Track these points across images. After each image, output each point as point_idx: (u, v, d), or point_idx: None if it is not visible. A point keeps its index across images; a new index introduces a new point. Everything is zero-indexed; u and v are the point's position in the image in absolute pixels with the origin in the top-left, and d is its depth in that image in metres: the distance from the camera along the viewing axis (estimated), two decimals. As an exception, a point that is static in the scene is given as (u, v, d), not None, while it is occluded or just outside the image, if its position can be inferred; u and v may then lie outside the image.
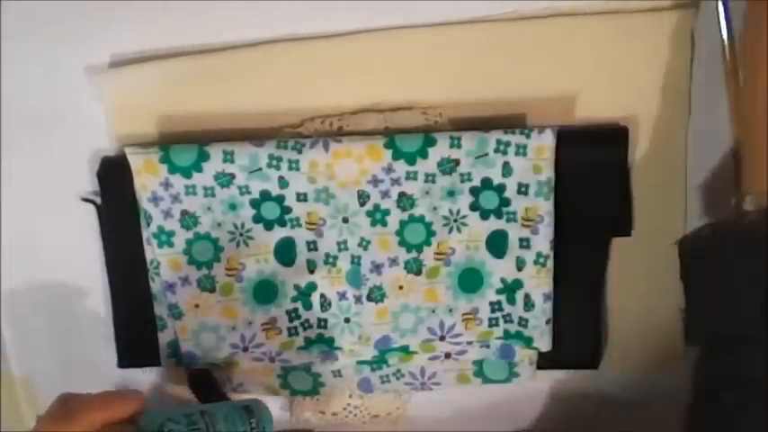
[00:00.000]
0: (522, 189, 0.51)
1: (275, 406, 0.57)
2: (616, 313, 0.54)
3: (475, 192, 0.51)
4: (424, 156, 0.50)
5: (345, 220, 0.52)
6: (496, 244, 0.52)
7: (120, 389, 0.55)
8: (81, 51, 0.52)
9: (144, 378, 0.57)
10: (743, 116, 0.49)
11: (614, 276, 0.53)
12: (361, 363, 0.55)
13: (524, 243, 0.51)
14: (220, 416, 0.45)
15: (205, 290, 0.53)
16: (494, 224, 0.51)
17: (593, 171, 0.50)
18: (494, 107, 0.52)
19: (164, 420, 0.44)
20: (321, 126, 0.52)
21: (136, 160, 0.51)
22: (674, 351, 0.55)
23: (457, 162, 0.50)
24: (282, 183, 0.51)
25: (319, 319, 0.53)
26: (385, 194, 0.51)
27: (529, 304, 0.52)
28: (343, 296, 0.53)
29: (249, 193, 0.52)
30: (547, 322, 0.52)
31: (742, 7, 0.50)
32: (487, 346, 0.54)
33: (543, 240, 0.51)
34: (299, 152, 0.50)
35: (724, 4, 0.50)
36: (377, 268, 0.52)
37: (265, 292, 0.53)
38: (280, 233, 0.52)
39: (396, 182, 0.51)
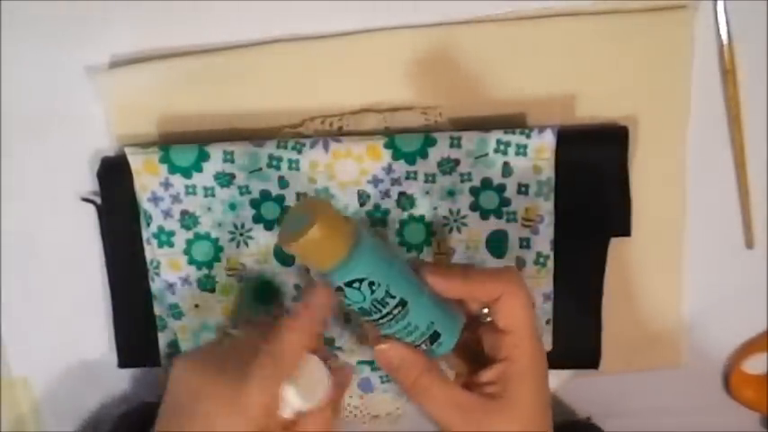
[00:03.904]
0: (522, 189, 0.51)
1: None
2: (616, 313, 0.54)
3: (475, 192, 0.51)
4: (424, 156, 0.50)
5: (345, 220, 0.52)
6: (496, 244, 0.51)
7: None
8: (81, 52, 0.52)
9: (144, 378, 0.57)
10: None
11: (614, 276, 0.53)
12: (361, 363, 0.55)
13: (524, 243, 0.51)
14: (409, 320, 0.42)
15: (205, 290, 0.53)
16: (494, 224, 0.51)
17: (593, 171, 0.50)
18: (494, 107, 0.52)
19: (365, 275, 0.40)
20: (321, 126, 0.52)
21: (136, 160, 0.51)
22: (674, 350, 0.55)
23: (457, 162, 0.50)
24: (282, 183, 0.51)
25: (319, 319, 0.53)
26: (385, 194, 0.51)
27: (529, 304, 0.52)
28: (343, 296, 0.53)
29: (249, 193, 0.52)
30: (547, 322, 0.52)
31: (742, 7, 0.50)
32: (487, 346, 0.54)
33: (543, 240, 0.51)
34: (299, 152, 0.50)
35: (723, 5, 0.50)
36: (377, 268, 0.52)
37: (265, 292, 0.53)
38: (280, 233, 0.52)
39: (396, 182, 0.51)
